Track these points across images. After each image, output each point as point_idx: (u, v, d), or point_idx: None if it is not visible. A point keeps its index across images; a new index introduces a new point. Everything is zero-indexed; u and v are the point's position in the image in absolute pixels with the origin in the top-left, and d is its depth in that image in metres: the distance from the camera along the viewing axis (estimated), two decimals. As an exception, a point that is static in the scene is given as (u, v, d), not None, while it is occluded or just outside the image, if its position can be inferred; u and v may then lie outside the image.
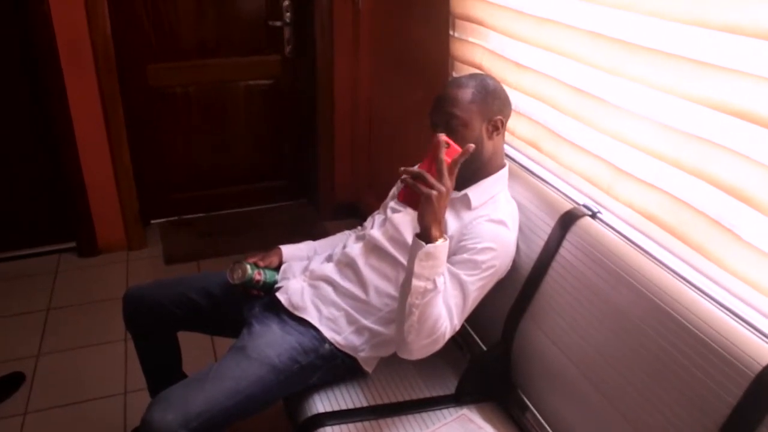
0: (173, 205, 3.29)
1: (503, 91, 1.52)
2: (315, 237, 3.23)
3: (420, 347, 1.35)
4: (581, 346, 1.35)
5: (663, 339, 1.17)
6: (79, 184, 2.83)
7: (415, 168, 1.31)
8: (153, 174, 3.13)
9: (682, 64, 1.19)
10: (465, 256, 1.41)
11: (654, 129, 1.28)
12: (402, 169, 1.30)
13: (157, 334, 1.72)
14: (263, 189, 3.44)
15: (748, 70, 1.06)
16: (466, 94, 1.46)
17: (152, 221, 3.26)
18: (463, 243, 1.43)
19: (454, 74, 2.08)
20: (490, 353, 1.57)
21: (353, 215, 3.38)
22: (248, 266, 1.59)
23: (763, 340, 1.04)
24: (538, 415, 1.47)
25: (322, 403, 1.51)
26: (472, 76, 1.51)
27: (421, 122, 2.56)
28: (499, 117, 1.49)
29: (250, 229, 3.25)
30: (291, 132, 3.34)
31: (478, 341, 1.64)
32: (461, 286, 1.39)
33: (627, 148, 1.36)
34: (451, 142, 1.33)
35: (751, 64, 1.05)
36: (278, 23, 3.06)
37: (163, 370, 1.79)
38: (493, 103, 1.48)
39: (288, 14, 3.05)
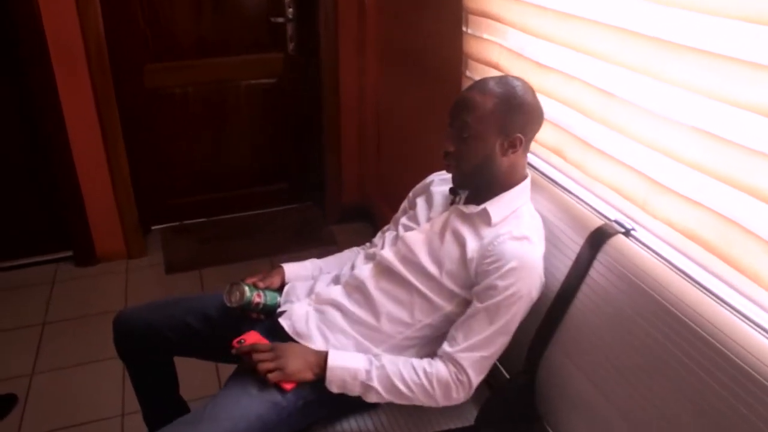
0: (174, 210, 3.16)
1: (533, 105, 1.36)
2: (322, 241, 3.17)
3: (437, 401, 1.32)
4: (615, 379, 1.22)
5: (707, 373, 1.03)
6: (75, 191, 2.71)
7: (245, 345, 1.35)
8: (152, 179, 3.01)
9: (732, 66, 1.04)
10: (488, 281, 1.28)
11: (698, 138, 1.14)
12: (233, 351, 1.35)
13: (150, 360, 1.60)
14: (267, 192, 3.31)
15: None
16: (488, 102, 1.31)
17: (153, 227, 3.14)
18: (485, 267, 1.30)
19: (468, 73, 1.94)
20: (513, 382, 1.44)
21: (362, 219, 3.26)
22: (246, 288, 1.45)
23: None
24: (566, 451, 1.34)
25: (330, 440, 1.38)
26: (502, 81, 1.35)
27: (432, 122, 2.43)
28: (518, 135, 1.34)
29: (254, 234, 3.13)
30: (295, 132, 3.21)
31: (501, 368, 1.50)
32: (488, 315, 1.27)
33: (667, 159, 1.21)
34: (247, 337, 1.37)
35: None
36: (280, 19, 2.92)
37: (158, 397, 1.67)
38: (516, 119, 1.33)
39: (290, 10, 2.91)
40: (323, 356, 1.32)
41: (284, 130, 3.18)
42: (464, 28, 1.90)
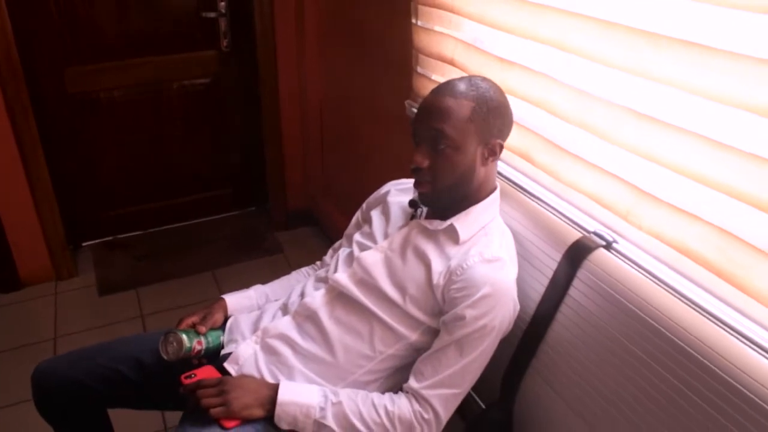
0: (106, 224, 2.91)
1: (507, 106, 1.22)
2: (268, 251, 2.97)
3: None
4: (600, 407, 1.11)
5: (695, 392, 0.94)
6: (-11, 211, 2.45)
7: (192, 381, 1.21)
8: (80, 192, 2.75)
9: (727, 61, 0.92)
10: (457, 311, 1.14)
11: (687, 140, 1.01)
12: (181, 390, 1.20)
13: (79, 417, 1.39)
14: (207, 199, 3.08)
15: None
16: (464, 108, 1.15)
17: (83, 244, 2.88)
18: (453, 294, 1.15)
19: (419, 70, 1.79)
20: (489, 414, 1.30)
21: (308, 223, 3.08)
22: (184, 336, 1.26)
23: None
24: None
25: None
26: (472, 82, 1.20)
27: (382, 120, 2.28)
28: (498, 141, 1.20)
29: (194, 247, 2.91)
30: (234, 135, 2.99)
31: (475, 397, 1.36)
32: (458, 348, 1.13)
33: (653, 164, 1.08)
34: (198, 372, 1.23)
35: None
36: (212, 14, 2.69)
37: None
38: (494, 123, 1.19)
39: (223, 4, 2.68)
40: (275, 391, 1.17)
41: (222, 133, 2.96)
42: (414, 20, 1.74)
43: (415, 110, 1.82)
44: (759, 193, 0.91)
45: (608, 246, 1.17)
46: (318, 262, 1.55)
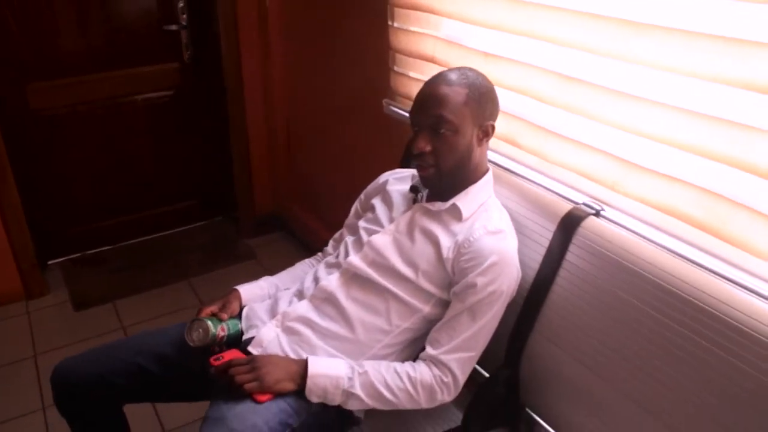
0: (74, 240, 2.89)
1: (494, 92, 1.34)
2: (240, 257, 3.01)
3: (420, 405, 1.28)
4: (603, 353, 1.23)
5: (701, 336, 1.07)
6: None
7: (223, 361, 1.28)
8: (45, 209, 2.72)
9: (694, 40, 1.07)
10: (468, 280, 1.25)
11: (664, 112, 1.16)
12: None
13: (98, 415, 1.42)
14: (175, 211, 3.10)
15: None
16: (459, 94, 1.27)
17: (49, 262, 2.85)
18: (463, 265, 1.26)
19: (396, 68, 1.90)
20: (497, 376, 1.40)
21: (277, 228, 3.14)
22: (209, 323, 1.32)
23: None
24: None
25: (320, 464, 1.29)
26: (462, 72, 1.31)
27: (356, 120, 2.37)
28: (490, 122, 1.32)
29: (167, 258, 2.92)
30: (199, 145, 3.03)
31: (479, 369, 1.47)
32: (471, 315, 1.24)
33: (637, 137, 1.22)
34: (225, 354, 1.31)
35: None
36: (174, 27, 2.74)
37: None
38: (486, 107, 1.31)
39: (184, 16, 2.73)
40: (304, 365, 1.25)
41: (188, 144, 3.00)
42: (390, 23, 1.85)
43: (393, 108, 1.94)
44: (731, 152, 1.06)
45: (597, 214, 1.30)
46: (320, 254, 1.63)
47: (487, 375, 1.45)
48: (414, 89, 1.39)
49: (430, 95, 1.29)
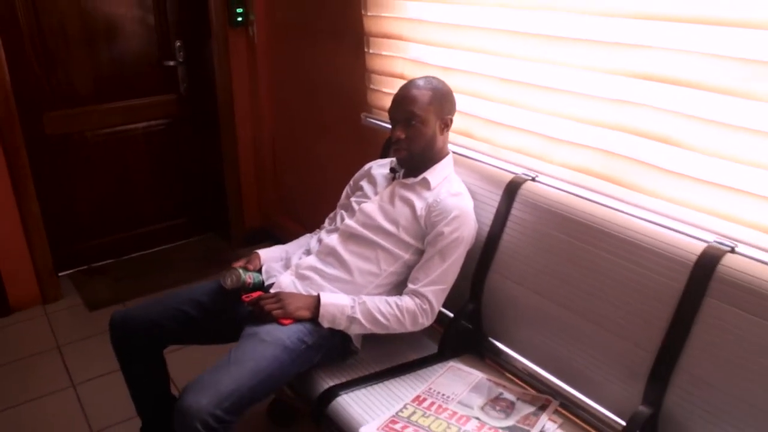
0: (79, 254, 3.21)
1: (452, 94, 1.78)
2: (230, 264, 3.34)
3: (406, 327, 1.66)
4: (546, 280, 1.64)
5: (613, 255, 1.50)
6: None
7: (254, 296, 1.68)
8: (58, 224, 3.05)
9: (595, 47, 1.54)
10: (437, 230, 1.67)
11: (578, 101, 1.62)
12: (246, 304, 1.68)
13: (147, 354, 1.77)
14: (170, 227, 3.46)
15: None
16: (425, 96, 1.70)
17: (60, 274, 3.15)
18: (433, 219, 1.69)
19: (372, 86, 2.34)
20: (464, 308, 1.80)
21: (265, 239, 3.50)
22: (240, 271, 1.71)
23: (691, 238, 1.40)
24: (512, 353, 1.74)
25: (330, 379, 1.66)
26: (427, 79, 1.75)
27: (335, 134, 2.79)
28: (449, 116, 1.76)
29: (166, 267, 3.26)
30: (193, 168, 3.42)
31: (445, 312, 1.85)
32: (441, 256, 1.65)
33: (557, 119, 1.68)
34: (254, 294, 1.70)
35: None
36: (172, 62, 3.16)
37: (154, 392, 1.83)
38: (446, 105, 1.74)
39: (181, 53, 3.15)
40: (317, 298, 1.64)
41: (183, 167, 3.38)
42: (367, 49, 2.30)
43: (370, 119, 2.38)
44: (621, 122, 1.52)
45: (533, 179, 1.75)
46: (317, 229, 2.02)
47: (452, 315, 1.86)
48: (387, 102, 1.83)
49: (404, 96, 1.73)
